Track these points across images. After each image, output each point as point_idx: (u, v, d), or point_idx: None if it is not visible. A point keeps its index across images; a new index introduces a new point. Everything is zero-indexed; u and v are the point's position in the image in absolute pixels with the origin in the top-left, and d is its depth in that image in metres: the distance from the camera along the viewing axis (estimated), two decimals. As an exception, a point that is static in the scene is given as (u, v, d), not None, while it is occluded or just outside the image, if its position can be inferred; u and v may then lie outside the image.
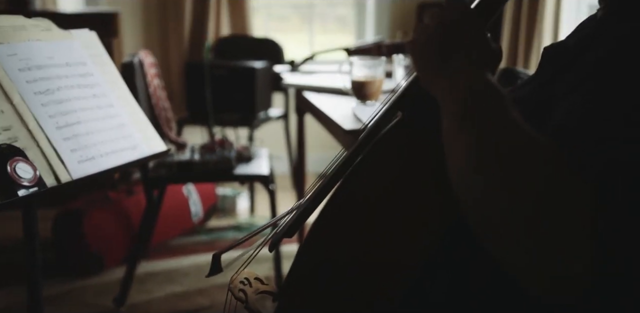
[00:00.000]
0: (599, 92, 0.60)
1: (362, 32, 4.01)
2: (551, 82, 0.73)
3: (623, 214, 0.54)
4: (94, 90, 1.34)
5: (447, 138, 0.65)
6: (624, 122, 0.57)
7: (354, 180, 0.73)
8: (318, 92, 2.23)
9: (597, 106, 0.59)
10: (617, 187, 0.55)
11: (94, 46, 1.41)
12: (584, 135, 0.59)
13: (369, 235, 0.70)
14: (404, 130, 0.73)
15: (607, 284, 0.54)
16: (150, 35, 3.64)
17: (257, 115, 3.12)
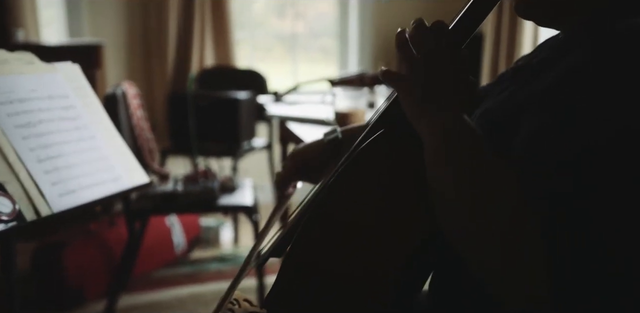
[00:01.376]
0: (549, 120, 0.64)
1: (345, 62, 4.06)
2: (517, 92, 0.75)
3: (572, 242, 0.59)
4: (76, 123, 1.34)
5: (429, 167, 0.69)
6: (570, 153, 0.60)
7: (338, 190, 0.73)
8: (301, 123, 2.25)
9: (547, 135, 0.64)
10: (565, 217, 0.59)
11: (77, 79, 1.41)
12: (534, 163, 0.63)
13: (355, 243, 0.71)
14: (386, 140, 0.74)
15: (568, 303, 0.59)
16: (133, 66, 3.65)
17: (240, 145, 3.12)
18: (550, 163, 0.61)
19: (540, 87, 0.69)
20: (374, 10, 3.85)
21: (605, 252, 0.57)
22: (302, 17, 4.13)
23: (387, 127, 0.75)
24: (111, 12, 3.56)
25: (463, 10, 0.74)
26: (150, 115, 3.32)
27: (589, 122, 0.60)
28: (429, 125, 0.70)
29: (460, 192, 0.65)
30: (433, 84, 0.70)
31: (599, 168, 0.58)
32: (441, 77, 0.70)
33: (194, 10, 3.53)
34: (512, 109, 0.72)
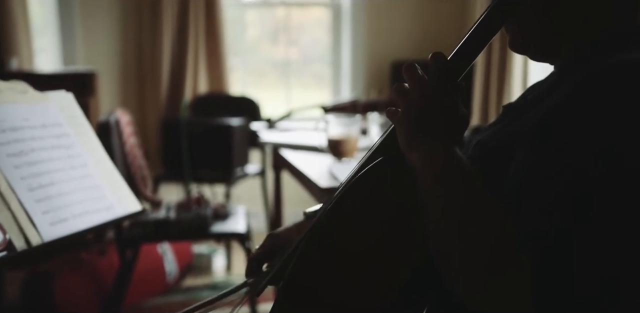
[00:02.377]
0: (536, 153, 0.67)
1: (338, 88, 4.09)
2: (510, 124, 0.78)
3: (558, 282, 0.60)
4: (69, 151, 1.34)
5: (422, 197, 0.72)
6: (557, 192, 0.62)
7: (336, 217, 0.75)
8: (294, 150, 2.25)
9: (533, 167, 0.66)
10: (552, 250, 0.61)
11: (70, 107, 1.41)
12: (523, 201, 0.66)
13: (350, 269, 0.73)
14: (383, 169, 0.76)
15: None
16: (127, 93, 3.67)
17: (234, 171, 3.12)
18: (540, 198, 0.64)
19: (531, 121, 0.71)
20: (366, 37, 3.90)
21: (595, 284, 0.59)
22: (295, 43, 4.17)
23: (384, 157, 0.77)
24: (105, 40, 3.58)
25: (458, 45, 0.77)
26: (144, 141, 3.32)
27: (578, 158, 0.62)
28: (421, 157, 0.73)
29: (447, 224, 0.68)
30: (426, 118, 0.73)
31: (588, 203, 0.60)
32: (434, 111, 0.73)
33: (187, 37, 3.56)
34: (505, 140, 0.74)
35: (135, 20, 3.59)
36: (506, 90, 3.12)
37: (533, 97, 0.81)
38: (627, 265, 0.59)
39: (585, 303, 0.59)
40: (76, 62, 3.51)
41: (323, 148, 2.00)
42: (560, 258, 0.60)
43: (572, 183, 0.61)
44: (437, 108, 0.73)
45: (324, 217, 0.75)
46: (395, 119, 0.77)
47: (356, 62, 3.93)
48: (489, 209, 0.67)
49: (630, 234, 0.59)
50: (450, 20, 3.90)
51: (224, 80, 3.69)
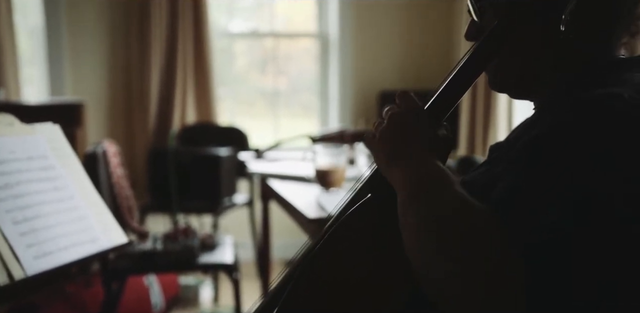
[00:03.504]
0: (526, 171, 0.68)
1: (326, 118, 4.11)
2: (494, 166, 0.79)
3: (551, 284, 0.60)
4: (55, 183, 1.33)
5: (400, 214, 0.72)
6: (553, 195, 0.63)
7: (327, 253, 0.76)
8: (282, 180, 2.25)
9: (525, 183, 0.67)
10: (545, 255, 0.60)
11: (57, 139, 1.41)
12: (514, 208, 0.66)
13: (340, 301, 0.73)
14: (371, 208, 0.78)
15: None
16: (115, 123, 3.66)
17: (221, 201, 3.11)
18: (535, 203, 0.64)
19: (516, 151, 0.72)
20: (354, 67, 3.94)
21: (593, 287, 0.59)
22: (283, 73, 4.21)
23: (372, 193, 0.79)
24: (93, 70, 3.60)
25: (444, 84, 0.79)
26: (131, 172, 3.31)
27: (572, 167, 0.63)
28: (404, 171, 0.74)
29: (435, 228, 0.66)
30: (398, 139, 0.76)
31: (585, 207, 0.61)
32: (405, 133, 0.76)
33: (176, 67, 3.58)
34: (490, 179, 0.75)
35: (124, 50, 3.61)
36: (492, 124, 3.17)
37: (515, 135, 0.82)
38: (626, 268, 0.60)
39: (584, 306, 0.59)
40: (64, 93, 3.51)
41: (311, 178, 2.00)
42: (558, 263, 0.60)
43: (569, 189, 0.62)
44: (408, 130, 0.76)
45: (313, 256, 0.75)
46: (370, 145, 0.80)
47: (344, 92, 3.96)
48: (476, 218, 0.65)
49: (628, 238, 0.60)
50: (437, 52, 3.96)
51: (212, 110, 3.70)
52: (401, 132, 0.76)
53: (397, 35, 3.95)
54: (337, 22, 3.91)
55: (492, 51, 0.76)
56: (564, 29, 0.70)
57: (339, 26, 3.90)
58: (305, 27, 4.17)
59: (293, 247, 0.84)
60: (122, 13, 3.57)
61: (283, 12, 4.16)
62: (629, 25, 0.77)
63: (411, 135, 0.76)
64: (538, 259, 0.60)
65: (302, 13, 4.24)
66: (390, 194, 0.76)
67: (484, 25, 0.80)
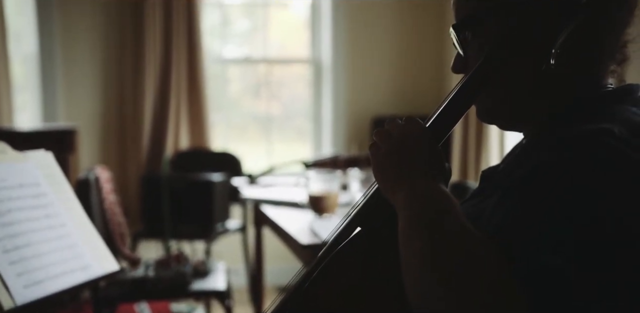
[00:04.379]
0: (522, 204, 0.67)
1: (319, 143, 4.12)
2: (486, 198, 0.79)
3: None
4: (46, 211, 1.32)
5: (401, 239, 0.70)
6: (549, 231, 0.62)
7: (315, 288, 0.75)
8: (275, 205, 2.24)
9: (524, 215, 0.66)
10: (543, 289, 0.60)
11: (49, 166, 1.41)
12: (515, 241, 0.64)
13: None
14: (363, 241, 0.77)
15: None
16: (108, 148, 3.66)
17: (214, 227, 3.09)
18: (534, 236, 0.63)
19: (507, 189, 0.72)
20: (347, 93, 3.96)
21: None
22: (276, 98, 4.23)
23: (362, 227, 0.78)
24: (87, 96, 3.60)
25: (437, 113, 0.80)
26: (124, 198, 3.29)
27: (548, 220, 0.63)
28: (409, 191, 0.72)
29: (438, 254, 0.64)
30: (405, 157, 0.75)
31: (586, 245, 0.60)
32: (412, 151, 0.75)
33: (169, 92, 3.60)
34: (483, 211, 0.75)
35: (118, 76, 3.63)
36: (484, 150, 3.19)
37: (505, 166, 0.82)
38: (623, 297, 0.59)
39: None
40: (57, 119, 3.51)
41: (304, 204, 2.00)
42: (557, 295, 0.59)
43: (565, 224, 0.61)
44: (410, 151, 0.75)
45: (306, 286, 0.75)
46: (379, 154, 0.78)
47: (337, 117, 3.98)
48: (478, 246, 0.64)
49: (625, 271, 0.60)
50: (430, 77, 4.00)
51: (205, 135, 3.70)
52: (411, 152, 0.75)
53: (390, 61, 3.99)
54: (330, 48, 3.95)
55: (480, 84, 0.76)
56: (554, 62, 0.70)
57: (332, 52, 3.94)
58: (298, 53, 4.20)
59: (286, 273, 0.84)
60: (116, 39, 3.60)
61: (276, 38, 4.20)
62: (615, 53, 0.78)
63: (421, 156, 0.75)
64: (538, 292, 0.60)
65: (296, 39, 4.29)
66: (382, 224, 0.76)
67: (469, 58, 0.80)
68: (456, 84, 0.79)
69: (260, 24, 4.12)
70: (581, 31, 0.69)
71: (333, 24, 3.91)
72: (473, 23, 0.78)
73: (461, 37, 0.80)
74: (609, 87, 0.79)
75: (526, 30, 0.72)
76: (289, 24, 4.34)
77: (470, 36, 0.79)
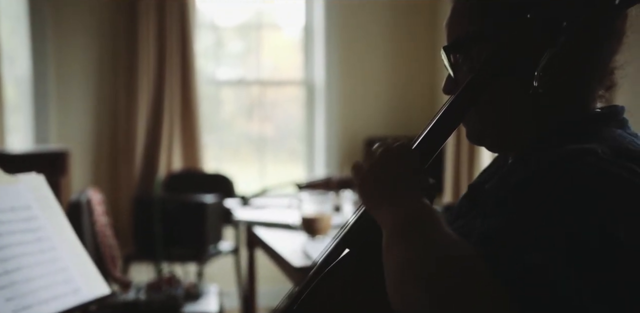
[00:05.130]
0: (512, 215, 0.68)
1: (312, 164, 4.12)
2: (473, 218, 0.80)
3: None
4: (37, 234, 1.31)
5: (384, 253, 0.70)
6: (533, 236, 0.63)
7: (304, 310, 0.76)
8: (268, 227, 2.24)
9: (510, 224, 0.67)
10: (529, 288, 0.60)
11: (41, 189, 1.40)
12: (499, 246, 0.65)
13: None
14: (352, 262, 0.78)
15: None
16: (100, 170, 3.65)
17: (206, 249, 3.07)
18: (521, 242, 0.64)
19: (493, 207, 0.74)
20: (340, 114, 3.98)
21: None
22: (269, 119, 4.24)
23: (351, 248, 0.79)
24: (79, 117, 3.60)
25: (425, 131, 0.80)
26: (115, 220, 3.27)
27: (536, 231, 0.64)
28: (393, 206, 0.73)
29: (423, 266, 0.65)
30: (389, 176, 0.75)
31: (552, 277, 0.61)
32: (396, 170, 0.75)
33: (162, 113, 3.60)
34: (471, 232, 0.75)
35: (111, 97, 3.63)
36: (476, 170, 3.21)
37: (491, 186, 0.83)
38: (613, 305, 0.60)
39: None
40: (49, 140, 3.51)
41: (297, 226, 2.00)
42: (544, 301, 0.60)
43: (551, 235, 0.62)
44: (394, 167, 0.75)
45: (293, 310, 0.76)
46: (359, 176, 0.78)
47: (330, 138, 3.99)
48: (463, 256, 0.64)
49: (612, 278, 0.60)
50: (422, 98, 4.02)
51: (198, 156, 3.70)
52: (393, 168, 0.75)
53: (382, 82, 4.02)
54: (322, 69, 3.97)
55: (467, 105, 0.77)
56: (537, 84, 0.71)
57: (324, 74, 3.97)
58: (291, 75, 4.23)
59: (279, 295, 0.84)
60: (109, 59, 3.61)
61: (270, 60, 4.23)
62: (603, 79, 0.79)
63: (402, 172, 0.75)
64: (525, 299, 0.60)
65: (289, 61, 4.32)
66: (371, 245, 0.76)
67: (458, 79, 0.81)
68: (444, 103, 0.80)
69: (253, 45, 4.15)
70: (564, 55, 0.70)
71: (326, 46, 3.94)
72: (463, 45, 0.79)
73: (452, 59, 0.81)
74: (596, 110, 0.80)
75: (511, 52, 0.73)
76: (282, 46, 4.37)
77: (461, 58, 0.80)
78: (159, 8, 3.54)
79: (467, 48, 0.78)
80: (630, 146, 0.72)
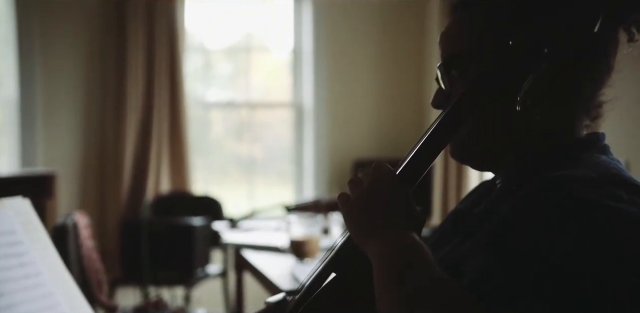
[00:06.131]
0: (499, 251, 0.67)
1: (301, 186, 4.11)
2: (460, 244, 0.79)
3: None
4: (21, 259, 1.29)
5: (376, 289, 0.69)
6: (525, 279, 0.63)
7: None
8: (257, 250, 2.22)
9: (499, 265, 0.66)
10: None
11: (26, 213, 1.38)
12: (491, 292, 0.64)
13: None
14: (338, 286, 0.77)
15: None
16: (87, 193, 3.62)
17: (194, 272, 3.04)
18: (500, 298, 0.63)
19: (482, 236, 0.73)
20: (328, 136, 3.99)
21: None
22: (259, 140, 4.24)
23: (337, 272, 0.78)
24: (67, 140, 3.58)
25: (414, 151, 0.78)
26: (102, 244, 3.23)
27: (527, 263, 0.63)
28: (381, 239, 0.72)
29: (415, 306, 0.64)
30: (376, 207, 0.74)
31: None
32: (382, 201, 0.74)
33: (151, 136, 3.59)
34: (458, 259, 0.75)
35: (99, 119, 3.62)
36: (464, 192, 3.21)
37: (479, 211, 0.83)
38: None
39: None
40: (36, 163, 3.48)
41: (285, 249, 1.99)
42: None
43: (540, 271, 0.62)
44: (382, 199, 0.74)
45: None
46: (348, 204, 0.77)
47: (319, 160, 3.99)
48: (456, 300, 0.64)
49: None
50: (410, 120, 4.04)
51: (186, 179, 3.68)
52: (379, 200, 0.74)
53: (371, 105, 4.04)
54: (311, 91, 3.99)
55: (459, 120, 0.76)
56: (519, 109, 0.71)
57: (313, 96, 3.98)
58: (280, 97, 4.24)
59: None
60: (97, 82, 3.61)
61: (259, 82, 4.24)
62: (589, 110, 0.80)
63: (390, 204, 0.74)
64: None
65: (278, 83, 4.34)
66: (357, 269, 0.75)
67: (452, 93, 0.80)
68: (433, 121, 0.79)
69: (242, 68, 4.17)
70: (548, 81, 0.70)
71: (314, 69, 3.97)
72: (459, 62, 0.79)
73: (448, 73, 0.81)
74: (579, 137, 0.81)
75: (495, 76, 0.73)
76: (271, 68, 4.40)
77: (457, 74, 0.80)
78: (149, 31, 3.55)
79: (464, 65, 0.79)
80: (615, 171, 0.72)
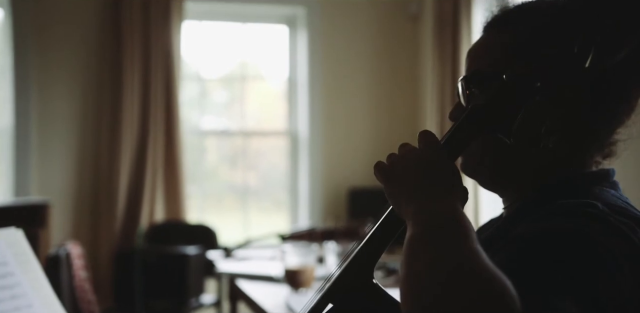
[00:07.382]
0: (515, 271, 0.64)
1: (296, 214, 4.10)
2: None
3: None
4: (13, 291, 1.28)
5: (407, 251, 0.64)
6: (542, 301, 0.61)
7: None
8: (251, 280, 2.20)
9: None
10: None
11: (19, 244, 1.38)
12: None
13: None
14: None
15: None
16: (80, 222, 3.59)
17: (188, 302, 3.01)
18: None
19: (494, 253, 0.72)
20: (323, 164, 3.99)
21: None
22: (253, 168, 4.24)
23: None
24: (61, 169, 3.57)
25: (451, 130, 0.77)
26: (95, 273, 3.20)
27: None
28: (425, 205, 0.68)
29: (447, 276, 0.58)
30: (423, 175, 0.70)
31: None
32: (431, 169, 0.71)
33: (146, 164, 3.58)
34: None
35: (93, 148, 3.61)
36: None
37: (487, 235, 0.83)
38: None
39: None
40: (29, 192, 3.46)
41: (280, 278, 1.97)
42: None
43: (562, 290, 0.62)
44: (437, 161, 0.71)
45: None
46: (389, 172, 0.73)
47: (314, 189, 3.98)
48: (490, 276, 0.58)
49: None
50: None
51: (181, 207, 3.66)
52: (426, 166, 0.71)
53: (366, 133, 4.05)
54: (306, 120, 4.01)
55: (460, 145, 0.74)
56: (511, 140, 0.71)
57: (308, 124, 4.00)
58: (275, 125, 4.26)
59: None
60: (93, 109, 3.61)
61: (254, 110, 4.26)
62: (602, 148, 0.81)
63: (440, 169, 0.70)
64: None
65: (273, 111, 4.36)
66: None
67: None
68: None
69: (237, 96, 4.20)
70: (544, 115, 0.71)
71: (309, 97, 3.99)
72: (479, 80, 0.78)
73: (468, 89, 0.80)
74: (589, 171, 0.82)
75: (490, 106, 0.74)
76: (266, 97, 4.43)
77: (477, 91, 0.79)
78: (145, 60, 3.58)
79: (482, 84, 0.77)
80: (624, 206, 0.74)
